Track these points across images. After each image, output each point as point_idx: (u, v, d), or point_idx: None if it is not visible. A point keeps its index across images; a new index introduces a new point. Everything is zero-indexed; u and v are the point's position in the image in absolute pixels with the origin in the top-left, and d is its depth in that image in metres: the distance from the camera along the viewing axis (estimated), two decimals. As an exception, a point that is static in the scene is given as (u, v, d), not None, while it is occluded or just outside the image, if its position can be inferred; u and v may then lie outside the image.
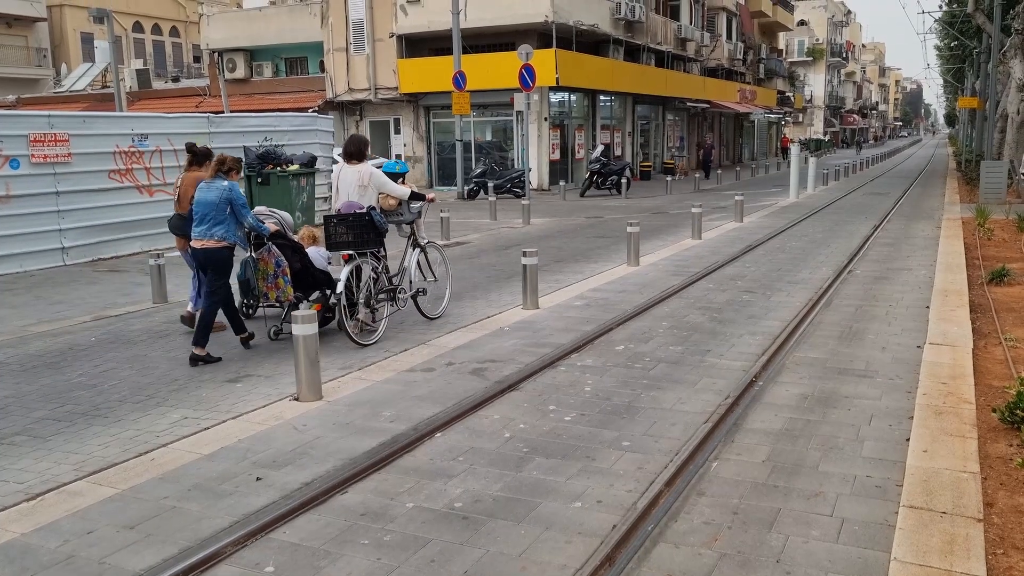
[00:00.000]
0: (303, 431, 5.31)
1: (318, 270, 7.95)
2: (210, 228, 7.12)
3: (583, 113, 30.39)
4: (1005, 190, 20.95)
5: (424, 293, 8.51)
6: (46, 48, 42.66)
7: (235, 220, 7.23)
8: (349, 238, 7.52)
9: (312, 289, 7.91)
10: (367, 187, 7.81)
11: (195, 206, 7.21)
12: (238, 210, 7.17)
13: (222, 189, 7.12)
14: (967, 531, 3.75)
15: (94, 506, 4.28)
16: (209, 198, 7.12)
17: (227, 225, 7.17)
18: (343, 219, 7.53)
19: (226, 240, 7.19)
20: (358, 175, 7.82)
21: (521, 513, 4.12)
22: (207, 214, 7.12)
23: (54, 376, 6.83)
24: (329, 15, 29.02)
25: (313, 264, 7.91)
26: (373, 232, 7.55)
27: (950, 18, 40.73)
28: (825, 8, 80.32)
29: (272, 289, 7.66)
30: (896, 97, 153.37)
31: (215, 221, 7.12)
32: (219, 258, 7.19)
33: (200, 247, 7.18)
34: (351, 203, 7.71)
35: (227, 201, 7.12)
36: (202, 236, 7.16)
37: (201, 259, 7.28)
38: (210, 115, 16.01)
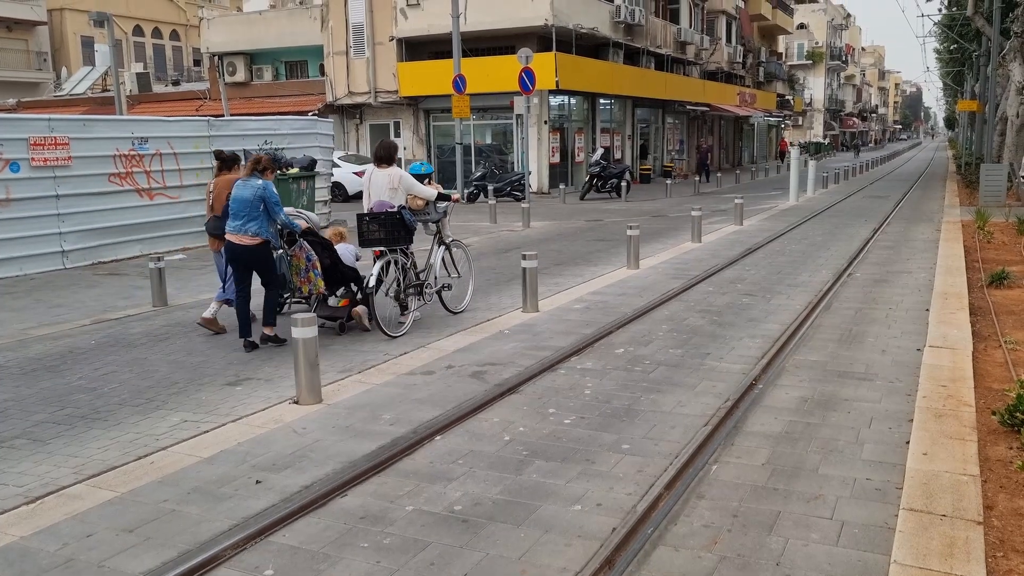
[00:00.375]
0: (303, 434, 5.31)
1: (347, 266, 8.32)
2: (244, 224, 7.42)
3: (583, 116, 30.42)
4: (1005, 193, 20.96)
5: (449, 289, 8.91)
6: (46, 52, 42.70)
7: (268, 217, 7.52)
8: (381, 235, 7.97)
9: (340, 284, 8.33)
10: (397, 189, 8.21)
11: (231, 203, 7.52)
12: (271, 207, 7.47)
13: (257, 187, 7.42)
14: (967, 534, 3.74)
15: (93, 509, 4.28)
16: (244, 195, 7.43)
17: (260, 222, 7.46)
18: (375, 217, 7.98)
19: (260, 236, 7.49)
20: (388, 177, 8.21)
21: (521, 516, 4.11)
22: (241, 211, 7.43)
23: (54, 379, 6.83)
24: (329, 19, 29.05)
25: (342, 260, 8.26)
26: (403, 230, 8.02)
27: (949, 21, 40.80)
28: (824, 11, 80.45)
29: (304, 283, 7.99)
30: (896, 100, 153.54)
31: (249, 217, 7.42)
32: (259, 255, 7.57)
33: (236, 242, 7.49)
34: (383, 202, 8.12)
35: (261, 199, 7.42)
36: (237, 231, 7.46)
37: (240, 255, 7.56)
38: (210, 118, 16.03)
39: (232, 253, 7.61)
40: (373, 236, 8.00)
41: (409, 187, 8.30)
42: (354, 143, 30.22)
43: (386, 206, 8.06)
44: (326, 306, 8.40)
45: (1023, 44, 22.56)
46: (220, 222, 8.04)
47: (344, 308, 8.36)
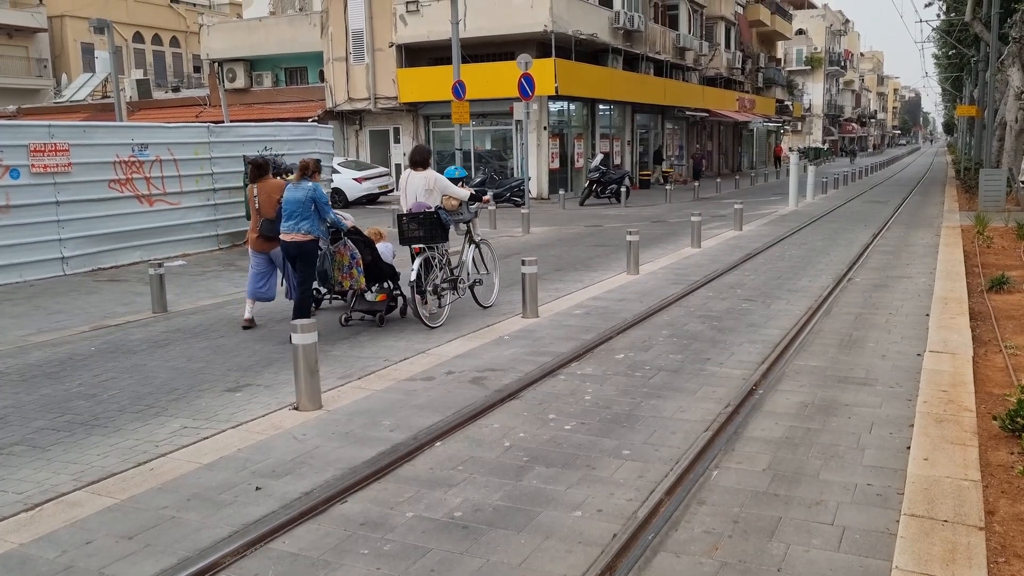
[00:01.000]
0: (302, 440, 5.30)
1: (385, 263, 8.89)
2: (297, 223, 8.08)
3: (582, 122, 30.45)
4: (1004, 198, 20.97)
5: (480, 283, 9.52)
6: (47, 58, 42.76)
7: (318, 216, 8.14)
8: (420, 233, 8.60)
9: (379, 280, 8.88)
10: (432, 190, 8.78)
11: (283, 204, 8.19)
12: (321, 207, 8.16)
13: (308, 189, 8.11)
14: (969, 539, 3.74)
15: (93, 516, 4.27)
16: (297, 196, 8.10)
17: (312, 220, 8.12)
18: (414, 217, 8.59)
19: (312, 234, 8.14)
20: (424, 180, 8.81)
21: (521, 522, 4.11)
22: (294, 211, 8.10)
23: (53, 386, 6.82)
24: (329, 25, 29.11)
25: (381, 258, 8.83)
26: (440, 228, 8.65)
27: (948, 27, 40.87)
28: (823, 17, 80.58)
29: (347, 279, 8.60)
30: (895, 105, 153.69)
31: (302, 217, 8.08)
32: (308, 250, 8.21)
33: (290, 239, 8.14)
34: (421, 203, 8.72)
35: (312, 199, 8.10)
36: (290, 230, 8.14)
37: (292, 250, 8.21)
38: (210, 125, 16.04)
39: (286, 249, 8.30)
40: (413, 234, 8.61)
41: (444, 188, 8.87)
42: (354, 149, 30.25)
43: (424, 206, 8.65)
44: (364, 300, 8.91)
45: (1021, 49, 22.59)
46: (274, 224, 8.56)
47: (382, 303, 8.92)
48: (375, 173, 26.44)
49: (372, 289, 8.83)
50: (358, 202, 25.46)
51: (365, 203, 25.76)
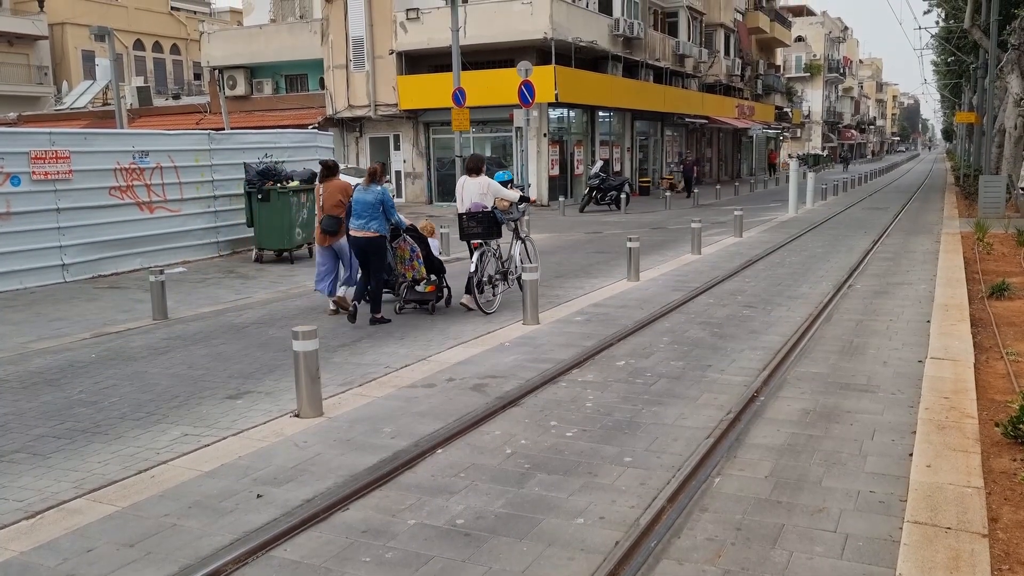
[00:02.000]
0: (304, 447, 5.29)
1: (435, 258, 9.81)
2: (367, 223, 9.04)
3: (582, 129, 30.49)
4: (1004, 204, 21.00)
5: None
6: (47, 66, 42.84)
7: (384, 216, 9.08)
8: (479, 230, 9.68)
9: (430, 272, 9.73)
10: (486, 193, 9.75)
11: (354, 204, 9.12)
12: (388, 209, 9.13)
13: (377, 193, 9.07)
14: (972, 546, 3.73)
15: (94, 524, 4.26)
16: (367, 199, 9.04)
17: (380, 220, 9.08)
18: (473, 216, 9.68)
19: (380, 232, 9.09)
20: (478, 184, 9.78)
21: (523, 530, 4.10)
22: (364, 212, 9.05)
23: (54, 393, 6.82)
24: (329, 32, 29.17)
25: (432, 252, 9.74)
26: (495, 226, 9.76)
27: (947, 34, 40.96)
28: (822, 24, 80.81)
29: (408, 270, 9.61)
30: (894, 112, 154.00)
31: (371, 217, 9.03)
32: (377, 246, 9.15)
33: (361, 236, 9.08)
34: (478, 204, 9.72)
35: (380, 202, 9.06)
36: (361, 228, 9.08)
37: (362, 245, 9.13)
38: (211, 132, 16.06)
39: (356, 244, 9.20)
40: (472, 231, 9.70)
41: (497, 191, 9.87)
42: (354, 156, 30.27)
43: (481, 207, 9.69)
44: (415, 291, 9.76)
45: (1020, 56, 22.65)
46: (334, 221, 9.49)
47: (431, 293, 9.76)
48: None
49: (427, 280, 9.73)
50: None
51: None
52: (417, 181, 29.51)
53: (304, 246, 15.12)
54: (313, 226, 15.34)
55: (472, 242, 9.79)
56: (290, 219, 14.24)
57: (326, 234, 9.65)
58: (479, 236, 9.72)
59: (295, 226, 14.42)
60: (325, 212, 9.59)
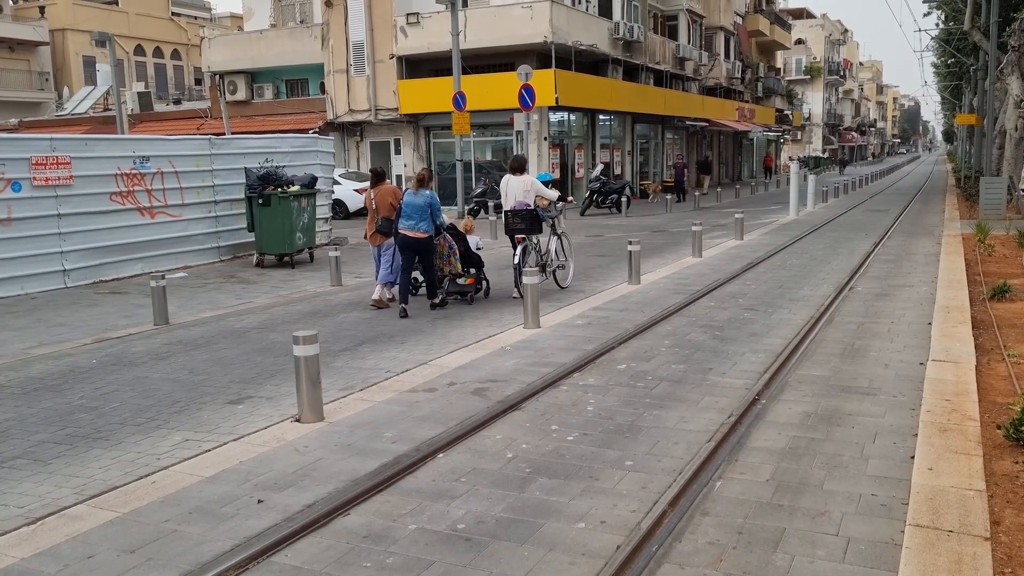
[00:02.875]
0: (304, 453, 5.28)
1: (474, 253, 10.79)
2: (416, 223, 9.88)
3: (582, 132, 30.50)
4: (1005, 206, 20.98)
5: (562, 268, 11.64)
6: (48, 72, 42.92)
7: (432, 218, 9.94)
8: (522, 226, 10.61)
9: (469, 266, 10.76)
10: (529, 191, 10.67)
11: (404, 207, 9.99)
12: (435, 212, 10.02)
13: (426, 196, 9.95)
14: (974, 550, 3.72)
15: (95, 530, 4.26)
16: (417, 202, 9.91)
17: (428, 222, 9.95)
18: (517, 213, 10.61)
19: (428, 232, 9.95)
20: (522, 183, 10.70)
21: (524, 534, 4.09)
22: (414, 214, 9.91)
23: (55, 399, 6.82)
24: (329, 37, 29.21)
25: (471, 248, 10.72)
26: (537, 222, 10.73)
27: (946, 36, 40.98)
28: (822, 27, 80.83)
29: (446, 265, 10.51)
30: (894, 114, 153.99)
31: (420, 219, 9.90)
32: (426, 245, 10.03)
33: (411, 236, 9.90)
34: (521, 202, 10.62)
35: (428, 205, 9.93)
36: (411, 228, 9.89)
37: (411, 244, 9.96)
38: (211, 137, 16.07)
39: (405, 243, 9.99)
40: (516, 227, 10.64)
41: (539, 190, 10.80)
42: (355, 160, 30.29)
43: (524, 204, 10.59)
44: (456, 284, 10.72)
45: (1020, 58, 22.65)
46: (387, 222, 10.38)
47: (471, 286, 10.74)
48: None
49: (464, 274, 10.71)
50: (359, 213, 25.45)
51: (366, 214, 25.75)
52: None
53: (305, 251, 15.13)
54: (314, 230, 15.46)
55: (516, 237, 10.69)
56: (291, 224, 14.25)
57: (380, 234, 10.59)
58: (522, 231, 10.63)
59: (296, 231, 14.43)
60: (380, 215, 10.56)
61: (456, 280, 10.68)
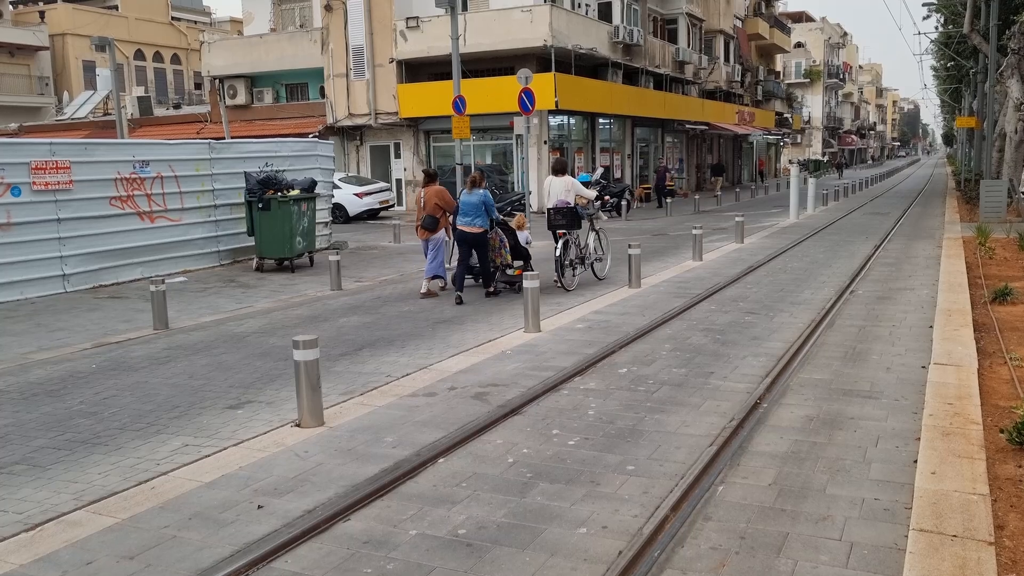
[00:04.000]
0: (305, 458, 5.26)
1: (522, 247, 11.82)
2: (472, 219, 11.06)
3: (582, 136, 30.51)
4: (1005, 209, 20.98)
5: (600, 260, 12.84)
6: (48, 76, 42.97)
7: (487, 214, 11.09)
8: (563, 222, 11.70)
9: (518, 259, 11.77)
10: (570, 191, 11.79)
11: (461, 204, 11.18)
12: (490, 208, 11.18)
13: (480, 195, 11.13)
14: (978, 554, 3.70)
15: (94, 536, 4.23)
16: (472, 201, 11.10)
17: (483, 218, 11.11)
18: (559, 210, 11.74)
19: (483, 227, 11.11)
20: (563, 183, 11.83)
21: (526, 540, 4.07)
22: (470, 211, 11.08)
23: (54, 404, 6.79)
24: (329, 41, 29.24)
25: (520, 243, 11.76)
26: (577, 219, 11.83)
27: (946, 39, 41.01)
28: (821, 30, 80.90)
29: (498, 257, 11.62)
30: (894, 117, 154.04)
31: (476, 215, 11.07)
32: (481, 239, 11.21)
33: (468, 231, 11.10)
34: (563, 200, 11.74)
35: (483, 203, 11.09)
36: (467, 224, 11.09)
37: (468, 238, 11.16)
38: (211, 141, 16.06)
39: (462, 237, 11.18)
40: (558, 223, 11.72)
41: (578, 191, 11.90)
42: (354, 164, 30.31)
43: (565, 203, 11.71)
44: (505, 274, 11.81)
45: (1020, 61, 22.64)
46: (432, 220, 11.59)
47: (519, 276, 11.45)
48: (376, 188, 26.46)
49: (512, 265, 11.70)
50: (359, 217, 25.46)
51: (366, 218, 25.76)
52: (418, 189, 29.51)
53: (305, 255, 15.12)
54: (314, 234, 15.46)
55: (558, 232, 11.69)
56: (291, 228, 14.24)
57: (425, 230, 11.67)
58: (563, 227, 11.66)
59: (296, 235, 14.41)
60: (426, 212, 11.64)
61: (505, 271, 11.74)
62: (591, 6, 30.79)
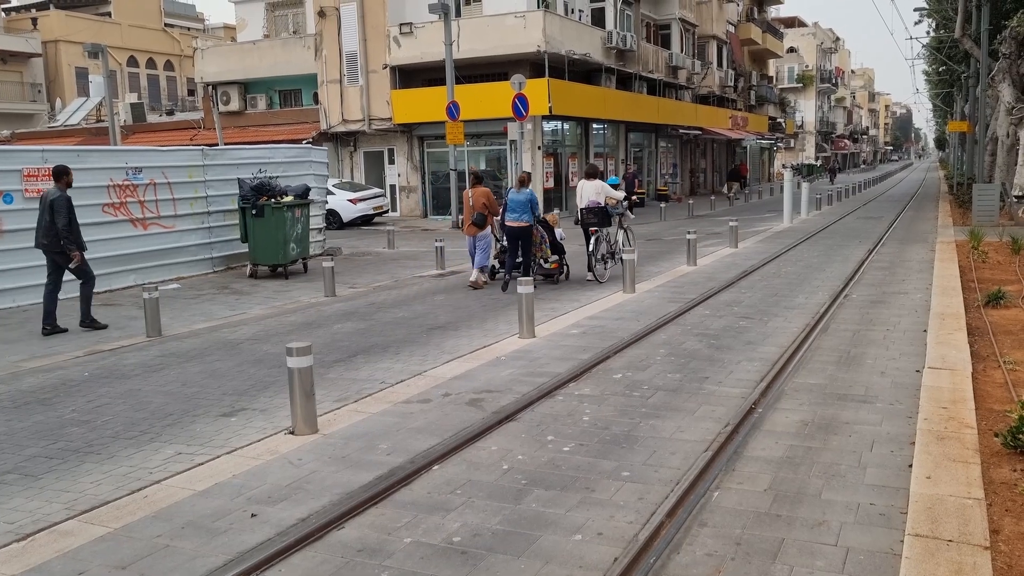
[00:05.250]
0: (299, 465, 5.24)
1: (558, 242, 13.01)
2: (520, 215, 12.29)
3: (576, 141, 30.53)
4: (997, 212, 21.05)
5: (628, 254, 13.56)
6: (41, 83, 42.87)
7: (531, 211, 12.33)
8: (595, 220, 12.94)
9: (555, 253, 12.98)
10: (600, 192, 13.05)
11: (510, 203, 12.43)
12: (534, 206, 12.44)
13: (527, 194, 12.43)
14: (974, 559, 3.69)
15: (86, 546, 4.20)
16: (520, 199, 12.38)
17: (528, 214, 12.33)
18: (591, 210, 12.97)
19: (529, 222, 12.36)
20: (595, 186, 13.09)
21: (521, 547, 4.05)
22: (517, 208, 12.33)
23: (46, 412, 6.75)
24: (322, 47, 29.23)
25: (556, 238, 12.95)
26: (607, 217, 13.11)
27: (938, 43, 41.21)
28: (814, 35, 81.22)
29: (539, 251, 12.80)
30: (886, 122, 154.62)
31: (522, 212, 12.30)
32: (528, 233, 12.43)
33: (516, 226, 12.32)
34: (595, 201, 12.98)
35: (529, 201, 12.35)
36: (516, 220, 12.31)
37: (516, 233, 12.36)
38: (204, 148, 16.02)
39: (511, 232, 12.42)
40: (590, 221, 12.95)
41: (608, 193, 13.15)
42: (348, 170, 30.27)
43: (596, 203, 12.93)
44: (542, 267, 12.94)
45: (1011, 65, 22.75)
46: (480, 217, 12.80)
47: (555, 269, 12.97)
48: (370, 194, 26.44)
49: (549, 259, 12.88)
50: (353, 223, 25.42)
51: (360, 224, 25.73)
52: (412, 195, 29.51)
53: (299, 261, 15.08)
54: (308, 241, 15.43)
55: (590, 229, 12.90)
56: (284, 234, 14.20)
57: (475, 226, 12.88)
58: (595, 224, 12.90)
59: (289, 241, 14.38)
60: (475, 211, 12.86)
61: (543, 264, 12.85)
62: (584, 12, 30.84)
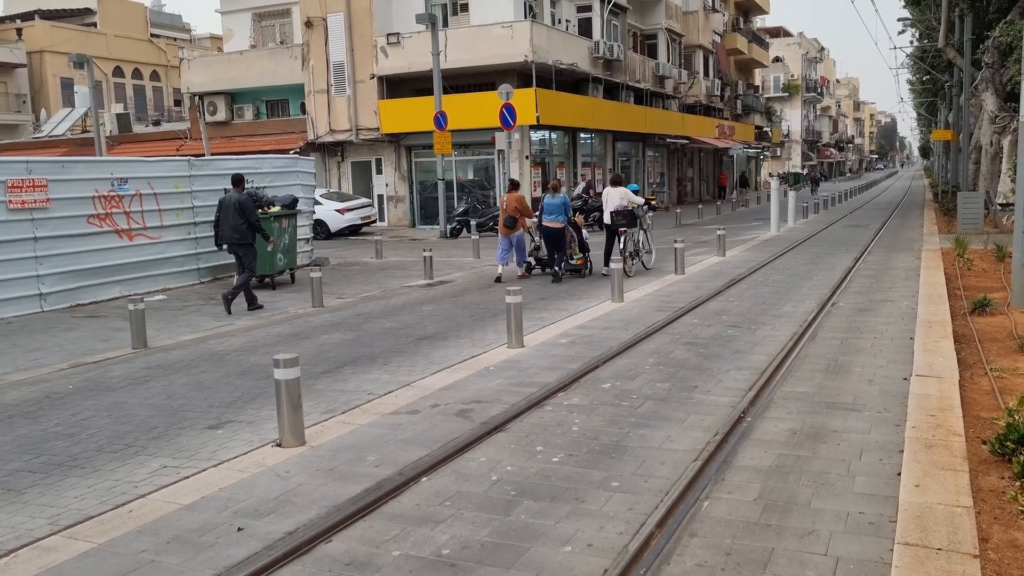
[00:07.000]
0: (286, 478, 5.19)
1: (584, 242, 14.80)
2: (556, 217, 14.01)
3: (564, 151, 30.60)
4: (982, 220, 21.21)
5: (648, 253, 16.02)
6: (25, 94, 42.62)
7: (565, 214, 14.02)
8: (623, 222, 14.34)
9: (582, 250, 14.74)
10: (624, 197, 14.51)
11: (546, 207, 14.22)
12: (567, 209, 14.12)
13: (561, 198, 14.20)
14: (964, 567, 3.69)
15: (69, 562, 4.15)
16: (555, 203, 14.15)
17: (562, 216, 14.01)
18: (619, 213, 14.37)
19: (563, 224, 14.06)
20: (619, 193, 14.60)
21: (510, 559, 4.02)
22: (553, 211, 14.09)
23: (30, 426, 6.68)
24: (310, 58, 29.21)
25: (583, 238, 14.76)
26: (634, 219, 14.66)
27: (921, 53, 41.60)
28: (799, 45, 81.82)
29: (569, 248, 14.54)
30: (871, 130, 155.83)
31: (557, 214, 14.04)
32: (561, 234, 14.21)
33: (552, 227, 14.11)
34: (620, 204, 14.44)
35: (563, 205, 14.10)
36: (552, 221, 14.04)
37: (553, 233, 14.18)
38: (191, 158, 15.96)
39: (547, 233, 14.26)
40: (619, 223, 14.37)
41: (631, 198, 14.61)
42: (336, 180, 30.22)
43: (623, 207, 14.39)
44: (570, 263, 14.63)
45: (994, 75, 22.98)
46: (512, 219, 14.48)
47: (581, 265, 14.72)
48: (357, 204, 26.39)
49: (576, 256, 14.65)
50: (341, 233, 25.37)
51: (348, 234, 25.68)
52: (400, 204, 29.48)
53: (286, 272, 15.02)
54: (295, 251, 15.39)
55: (620, 230, 14.35)
56: (271, 244, 14.12)
57: (507, 227, 14.55)
58: (624, 226, 14.34)
59: (277, 251, 14.32)
60: (507, 214, 14.54)
61: (570, 260, 14.54)
62: (571, 22, 30.97)
